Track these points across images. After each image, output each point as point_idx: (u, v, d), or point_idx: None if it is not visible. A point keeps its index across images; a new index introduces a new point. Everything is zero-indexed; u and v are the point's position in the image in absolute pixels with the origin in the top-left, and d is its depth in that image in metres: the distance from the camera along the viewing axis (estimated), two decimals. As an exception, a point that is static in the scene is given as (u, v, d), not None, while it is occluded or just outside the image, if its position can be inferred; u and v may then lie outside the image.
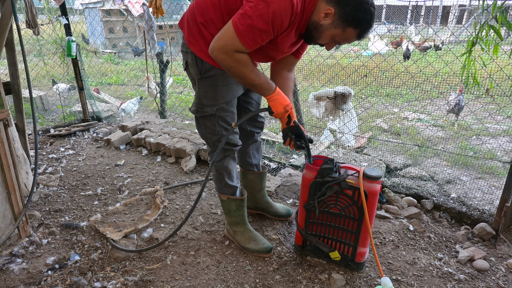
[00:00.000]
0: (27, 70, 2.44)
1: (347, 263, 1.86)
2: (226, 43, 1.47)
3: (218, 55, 1.50)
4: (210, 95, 1.76)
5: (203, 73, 1.72)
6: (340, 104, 3.79)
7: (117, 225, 2.21)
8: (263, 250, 1.96)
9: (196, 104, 1.82)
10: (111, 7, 12.28)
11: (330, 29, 1.49)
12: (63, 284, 1.76)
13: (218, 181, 1.95)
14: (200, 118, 1.84)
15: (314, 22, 1.50)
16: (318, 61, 5.43)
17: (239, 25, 1.42)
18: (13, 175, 1.97)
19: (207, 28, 1.62)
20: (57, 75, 6.37)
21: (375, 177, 1.67)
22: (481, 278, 1.83)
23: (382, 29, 4.73)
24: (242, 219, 2.03)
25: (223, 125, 1.81)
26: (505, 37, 5.14)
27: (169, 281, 1.79)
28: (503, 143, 3.86)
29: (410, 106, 5.67)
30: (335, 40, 1.54)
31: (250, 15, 1.40)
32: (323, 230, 1.86)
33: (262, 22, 1.40)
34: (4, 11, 2.46)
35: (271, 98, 1.63)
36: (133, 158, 3.26)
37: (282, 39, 1.55)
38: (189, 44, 1.71)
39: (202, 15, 1.62)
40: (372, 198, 1.68)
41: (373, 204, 1.70)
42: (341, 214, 1.77)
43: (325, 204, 1.78)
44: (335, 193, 1.73)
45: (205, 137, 1.88)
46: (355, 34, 1.50)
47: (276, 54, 1.70)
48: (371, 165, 3.09)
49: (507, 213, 2.07)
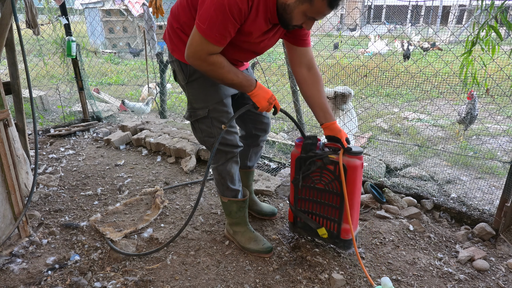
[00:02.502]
0: (27, 70, 2.44)
1: (334, 240, 1.90)
2: (197, 48, 1.50)
3: (193, 61, 1.54)
4: (200, 97, 1.76)
5: (189, 77, 1.74)
6: (340, 104, 3.79)
7: (117, 225, 2.21)
8: (264, 250, 1.96)
9: (189, 110, 1.82)
10: (111, 7, 12.28)
11: (297, 6, 1.45)
12: (63, 284, 1.76)
13: (220, 184, 1.93)
14: (194, 123, 1.83)
15: (282, 4, 1.48)
16: (318, 61, 5.43)
17: (201, 26, 1.45)
18: (13, 175, 1.97)
19: (184, 32, 1.66)
20: (57, 75, 6.37)
21: (355, 152, 1.73)
22: (481, 278, 1.83)
23: (382, 29, 4.74)
24: (243, 219, 2.03)
25: (219, 126, 1.78)
26: (505, 37, 5.14)
27: (169, 281, 1.79)
28: (503, 143, 3.87)
29: (410, 106, 5.67)
30: (308, 16, 1.49)
31: (208, 11, 1.42)
32: (311, 207, 1.93)
33: (220, 14, 1.41)
34: (4, 11, 2.46)
35: (254, 94, 1.66)
36: (133, 158, 3.26)
37: (249, 26, 1.53)
38: (172, 52, 1.74)
39: (177, 21, 1.66)
40: (352, 172, 1.73)
41: (354, 179, 1.75)
42: (325, 190, 1.84)
43: (311, 180, 1.86)
44: (319, 168, 1.81)
45: (204, 142, 1.87)
46: (326, 4, 1.43)
47: (253, 46, 1.67)
48: (371, 165, 3.09)
49: (507, 213, 2.07)
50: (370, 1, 7.99)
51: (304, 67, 1.79)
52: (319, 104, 1.81)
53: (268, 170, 3.01)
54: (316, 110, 1.83)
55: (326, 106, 1.81)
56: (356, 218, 1.89)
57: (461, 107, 4.22)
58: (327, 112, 1.80)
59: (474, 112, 3.96)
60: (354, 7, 3.59)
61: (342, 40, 4.47)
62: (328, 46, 8.46)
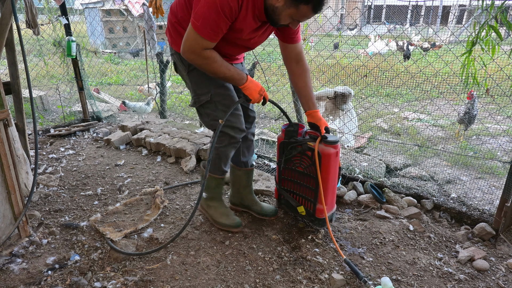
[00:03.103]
0: (27, 70, 2.43)
1: (310, 218, 2.11)
2: (192, 43, 1.64)
3: (189, 56, 1.69)
4: (202, 84, 1.89)
5: (189, 66, 1.87)
6: (340, 104, 3.79)
7: (117, 225, 2.21)
8: (233, 225, 2.12)
9: (193, 97, 1.95)
10: (111, 7, 12.28)
11: (285, 9, 1.60)
12: (63, 284, 1.76)
13: (214, 163, 2.04)
14: (200, 108, 1.96)
15: (271, 6, 1.62)
16: (318, 61, 5.43)
17: (196, 23, 1.59)
18: (13, 175, 1.97)
19: (181, 26, 1.80)
20: (57, 75, 6.37)
21: (331, 141, 1.91)
22: (481, 278, 1.83)
23: (382, 29, 4.74)
24: (219, 195, 2.19)
25: (223, 109, 1.89)
26: (505, 37, 5.14)
27: (169, 281, 1.79)
28: (503, 143, 3.87)
29: (410, 106, 5.67)
30: (294, 18, 1.64)
31: (202, 10, 1.56)
32: (292, 187, 2.16)
33: (213, 12, 1.55)
34: (4, 11, 2.46)
35: (246, 87, 1.81)
36: (133, 158, 3.26)
37: (240, 24, 1.67)
38: (172, 45, 1.89)
39: (175, 16, 1.82)
40: (326, 160, 1.91)
41: (327, 165, 1.93)
42: (304, 173, 2.05)
43: (292, 163, 2.09)
44: (299, 153, 2.03)
45: (210, 125, 1.98)
46: (310, 9, 1.58)
47: (245, 42, 1.82)
48: (371, 165, 3.09)
49: (507, 213, 2.07)
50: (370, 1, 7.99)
51: (293, 61, 1.96)
52: (304, 93, 2.00)
53: (268, 170, 3.01)
54: (301, 98, 2.02)
55: (310, 96, 1.99)
56: (331, 200, 2.08)
57: (460, 107, 4.22)
58: (311, 100, 1.99)
59: (473, 112, 3.95)
60: (354, 7, 3.59)
61: (342, 40, 4.47)
62: (328, 46, 8.46)
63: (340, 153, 2.00)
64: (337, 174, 2.04)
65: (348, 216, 2.36)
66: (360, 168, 2.99)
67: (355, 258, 1.96)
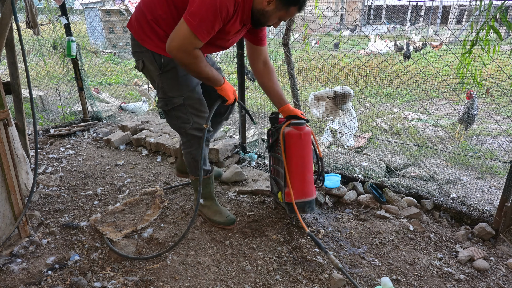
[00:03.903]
0: (27, 70, 2.43)
1: (283, 204, 2.15)
2: (184, 42, 1.62)
3: (177, 54, 1.65)
4: (175, 86, 1.88)
5: (164, 67, 1.84)
6: (340, 104, 3.79)
7: (117, 225, 2.21)
8: (227, 222, 2.16)
9: (163, 99, 1.92)
10: (111, 7, 12.27)
11: (275, 12, 1.70)
12: (63, 284, 1.76)
13: (193, 167, 2.09)
14: (170, 111, 1.95)
15: (260, 10, 1.70)
16: (318, 61, 5.43)
17: (192, 22, 1.57)
18: (13, 175, 1.97)
19: (158, 25, 1.75)
20: (57, 75, 6.37)
21: (296, 123, 2.01)
22: (481, 278, 1.83)
23: (382, 29, 4.74)
24: (210, 195, 2.23)
25: (194, 112, 1.94)
26: (505, 37, 5.13)
27: (169, 281, 1.79)
28: (503, 143, 3.87)
29: (410, 106, 5.67)
30: (281, 19, 1.77)
31: (200, 10, 1.56)
32: (274, 172, 2.26)
33: (211, 13, 1.57)
34: (4, 11, 2.46)
35: (222, 88, 1.88)
36: (133, 158, 3.26)
37: (230, 27, 1.73)
38: (143, 42, 1.81)
39: (151, 13, 1.75)
40: (288, 140, 1.99)
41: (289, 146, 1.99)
42: (280, 158, 2.08)
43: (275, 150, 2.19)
44: (277, 139, 2.09)
45: (179, 128, 1.99)
46: (297, 9, 1.72)
47: (223, 42, 1.87)
48: (371, 165, 3.09)
49: (507, 213, 2.07)
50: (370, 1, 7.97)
51: (261, 62, 2.05)
52: (274, 92, 2.09)
53: (268, 170, 3.01)
54: (272, 97, 2.11)
55: (280, 93, 2.10)
56: (298, 186, 2.03)
57: (460, 107, 4.22)
58: (281, 97, 2.09)
59: (472, 112, 3.94)
60: (354, 7, 3.59)
61: (342, 40, 4.47)
62: (328, 46, 8.46)
63: (310, 138, 2.04)
64: (306, 158, 2.03)
65: (348, 216, 2.36)
66: (360, 168, 2.99)
67: (355, 258, 1.96)
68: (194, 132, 1.97)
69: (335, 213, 2.41)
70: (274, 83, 2.08)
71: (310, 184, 2.08)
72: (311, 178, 2.07)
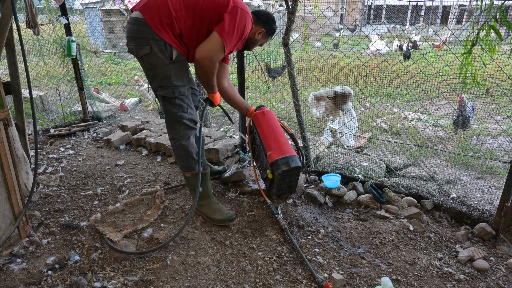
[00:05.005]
0: (27, 70, 2.43)
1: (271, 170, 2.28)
2: (214, 53, 1.89)
3: (205, 61, 1.90)
4: (180, 77, 2.01)
5: (175, 58, 1.96)
6: (340, 104, 3.79)
7: (117, 225, 2.21)
8: (228, 218, 2.20)
9: (169, 87, 1.99)
10: (111, 7, 12.27)
11: (260, 40, 2.17)
12: (63, 284, 1.76)
13: (186, 160, 2.14)
14: (174, 99, 2.02)
15: (251, 38, 2.12)
16: (318, 61, 5.44)
17: (225, 37, 1.85)
18: (13, 175, 1.97)
19: (177, 22, 1.90)
20: (57, 75, 6.37)
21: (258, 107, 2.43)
22: (481, 278, 1.83)
23: (382, 29, 4.74)
24: (208, 193, 2.27)
25: (189, 104, 2.10)
26: (505, 37, 5.13)
27: (169, 281, 1.79)
28: (503, 143, 3.87)
29: (410, 106, 5.67)
30: (260, 45, 2.27)
31: (232, 28, 1.86)
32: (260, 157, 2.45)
33: (239, 33, 1.90)
34: (4, 11, 2.46)
35: (215, 95, 2.25)
36: (133, 158, 3.26)
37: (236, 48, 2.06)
38: (157, 31, 1.88)
39: (175, 11, 1.89)
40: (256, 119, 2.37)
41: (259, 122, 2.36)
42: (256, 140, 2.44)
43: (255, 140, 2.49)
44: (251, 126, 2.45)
45: (177, 117, 2.06)
46: (271, 36, 2.21)
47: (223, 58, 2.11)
48: (371, 165, 3.09)
49: (507, 213, 2.07)
50: (370, 1, 7.97)
51: (226, 78, 2.32)
52: (240, 102, 2.43)
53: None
54: (239, 107, 2.45)
55: (244, 101, 2.46)
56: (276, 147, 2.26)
57: (454, 111, 4.24)
58: (246, 104, 2.46)
59: (466, 114, 3.99)
60: (354, 7, 3.59)
61: (342, 40, 4.46)
62: (328, 46, 8.46)
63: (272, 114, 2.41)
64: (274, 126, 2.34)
65: (348, 216, 2.37)
66: (360, 168, 2.99)
67: (355, 258, 1.96)
68: (188, 122, 2.09)
69: (335, 213, 2.42)
70: (237, 95, 2.42)
71: (287, 145, 2.31)
72: (286, 141, 2.32)
